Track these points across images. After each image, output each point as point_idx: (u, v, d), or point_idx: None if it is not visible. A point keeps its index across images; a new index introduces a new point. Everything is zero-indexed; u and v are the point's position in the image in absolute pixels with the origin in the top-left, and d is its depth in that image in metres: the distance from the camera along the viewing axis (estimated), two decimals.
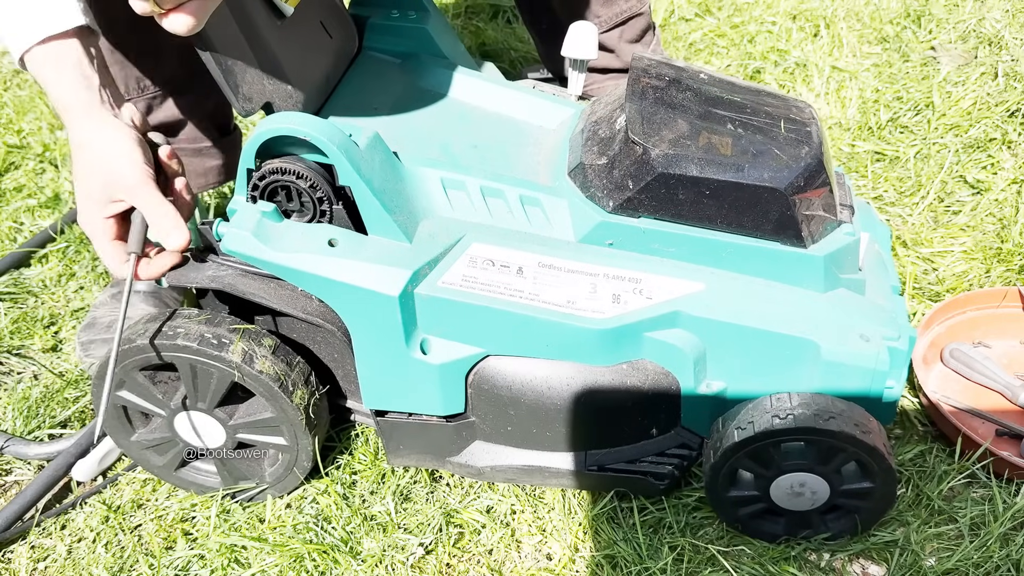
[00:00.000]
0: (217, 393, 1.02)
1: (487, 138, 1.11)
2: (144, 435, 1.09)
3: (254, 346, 0.99)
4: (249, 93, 0.95)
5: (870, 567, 1.03)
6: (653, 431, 1.03)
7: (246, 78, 0.95)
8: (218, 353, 0.97)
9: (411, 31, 1.21)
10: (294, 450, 1.06)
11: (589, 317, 0.94)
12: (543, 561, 1.06)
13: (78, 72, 0.87)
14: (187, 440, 1.08)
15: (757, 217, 0.94)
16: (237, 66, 0.93)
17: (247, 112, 0.95)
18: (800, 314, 0.95)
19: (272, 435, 1.06)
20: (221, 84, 0.92)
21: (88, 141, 0.89)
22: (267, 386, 0.99)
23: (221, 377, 1.00)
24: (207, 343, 0.97)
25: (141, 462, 1.13)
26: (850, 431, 0.91)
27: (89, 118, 0.89)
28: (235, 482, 1.11)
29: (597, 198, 0.97)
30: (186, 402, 1.03)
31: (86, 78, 0.88)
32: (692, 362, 0.95)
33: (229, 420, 1.05)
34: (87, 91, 0.88)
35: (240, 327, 1.00)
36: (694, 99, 1.00)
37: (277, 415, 1.02)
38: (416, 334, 0.96)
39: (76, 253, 1.54)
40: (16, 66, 0.86)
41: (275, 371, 0.99)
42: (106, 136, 0.89)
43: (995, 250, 1.41)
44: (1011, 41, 1.81)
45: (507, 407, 1.00)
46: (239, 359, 0.97)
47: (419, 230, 0.97)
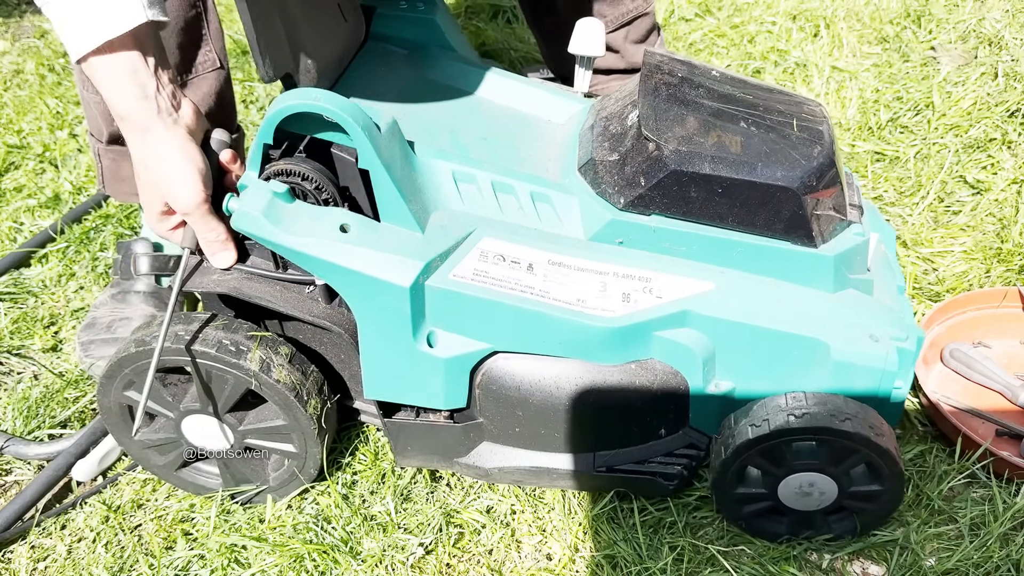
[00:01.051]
0: (230, 399, 1.01)
1: (496, 131, 1.10)
2: (147, 435, 1.08)
3: (271, 354, 0.99)
4: (275, 60, 0.95)
5: (870, 567, 1.03)
6: (662, 431, 1.02)
7: (276, 44, 0.95)
8: (236, 360, 0.96)
9: (419, 22, 1.21)
10: (302, 457, 1.06)
11: (599, 315, 0.93)
12: (543, 561, 1.06)
13: (133, 81, 0.85)
14: (193, 443, 1.07)
15: (769, 216, 0.94)
16: (271, 30, 0.94)
17: (269, 78, 0.95)
18: (810, 314, 0.94)
19: (282, 442, 1.05)
20: (252, 45, 0.92)
21: (145, 159, 0.90)
22: (283, 396, 0.98)
23: (236, 384, 0.99)
24: (225, 350, 0.96)
25: (141, 461, 1.13)
26: (865, 433, 0.91)
27: (146, 132, 0.88)
28: (237, 484, 1.11)
29: (608, 195, 0.97)
30: (197, 405, 1.03)
31: (142, 87, 0.86)
32: (701, 362, 0.95)
33: (239, 425, 1.04)
34: (143, 101, 0.86)
35: (257, 334, 1.00)
36: (707, 96, 0.99)
37: (289, 423, 1.02)
38: (424, 326, 0.96)
39: (76, 253, 1.54)
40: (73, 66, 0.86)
41: (291, 380, 0.99)
42: (162, 154, 0.89)
43: (995, 250, 1.41)
44: (1011, 41, 1.81)
45: (515, 408, 0.99)
46: (257, 367, 0.97)
47: (431, 221, 0.96)
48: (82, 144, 1.85)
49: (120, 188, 1.32)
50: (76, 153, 1.82)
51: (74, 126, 1.91)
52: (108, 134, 1.24)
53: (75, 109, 1.97)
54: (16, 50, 2.24)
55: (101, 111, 1.21)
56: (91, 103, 1.22)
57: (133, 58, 0.84)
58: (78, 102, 1.99)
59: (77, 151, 1.83)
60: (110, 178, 1.31)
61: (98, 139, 1.26)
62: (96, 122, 1.24)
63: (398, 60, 1.20)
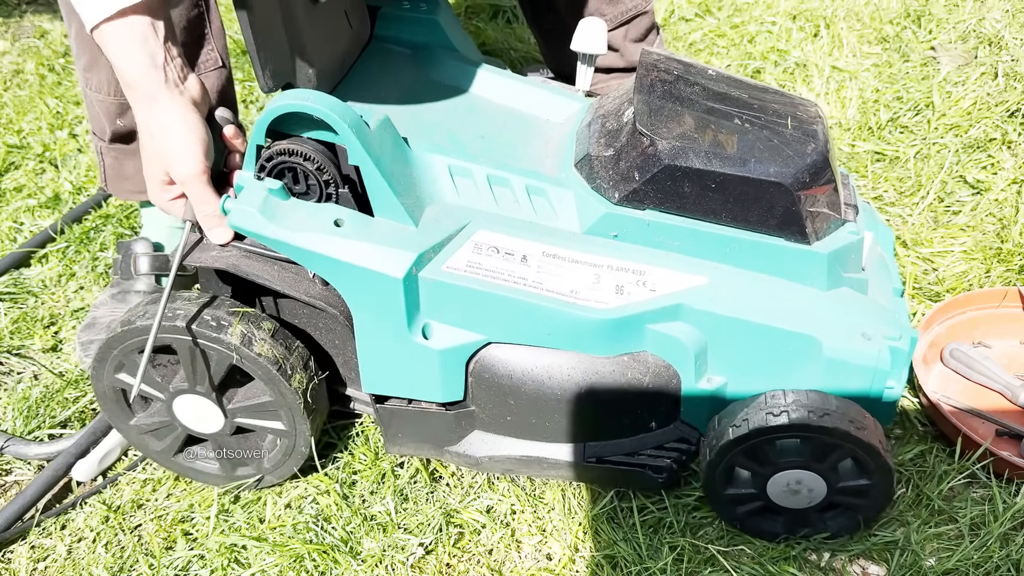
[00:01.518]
0: (216, 376, 1.02)
1: (495, 129, 1.11)
2: (143, 419, 1.09)
3: (253, 329, 0.99)
4: (275, 70, 0.96)
5: (870, 567, 1.03)
6: (652, 424, 1.03)
7: (276, 54, 0.95)
8: (216, 335, 0.97)
9: (422, 22, 1.22)
10: (292, 435, 1.06)
11: (592, 307, 0.94)
12: (543, 561, 1.06)
13: (143, 50, 0.87)
14: (186, 424, 1.08)
15: (762, 212, 0.94)
16: (270, 39, 0.94)
17: (269, 88, 0.96)
18: (803, 311, 0.95)
19: (271, 419, 1.06)
20: (252, 55, 0.93)
21: (151, 127, 0.92)
22: (265, 369, 0.99)
23: (219, 359, 1.00)
24: (206, 325, 0.98)
25: (140, 447, 1.13)
26: (845, 427, 0.91)
27: (152, 101, 0.90)
28: (233, 469, 1.11)
29: (603, 189, 0.98)
30: (185, 385, 1.04)
31: (151, 56, 0.88)
32: (693, 356, 0.95)
33: (228, 404, 1.05)
34: (152, 69, 0.88)
35: (239, 310, 1.01)
36: (702, 94, 1.00)
37: (275, 399, 1.03)
38: (418, 318, 0.96)
39: (76, 253, 1.54)
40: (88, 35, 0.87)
41: (273, 354, 0.99)
42: (166, 123, 0.91)
43: (995, 250, 1.41)
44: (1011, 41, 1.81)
45: (507, 396, 1.00)
46: (237, 341, 0.98)
47: (425, 215, 0.97)
48: (82, 144, 1.85)
49: (123, 186, 1.32)
50: (76, 153, 1.82)
51: (74, 126, 1.91)
52: (111, 132, 1.24)
53: (75, 109, 1.97)
54: (16, 50, 2.25)
55: (104, 108, 1.21)
56: (94, 101, 1.22)
57: (145, 26, 0.87)
58: (78, 102, 1.99)
59: (77, 151, 1.83)
60: (112, 176, 1.31)
61: (100, 137, 1.27)
62: (99, 120, 1.25)
63: (400, 60, 1.21)
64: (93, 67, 1.18)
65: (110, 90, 1.20)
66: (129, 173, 1.29)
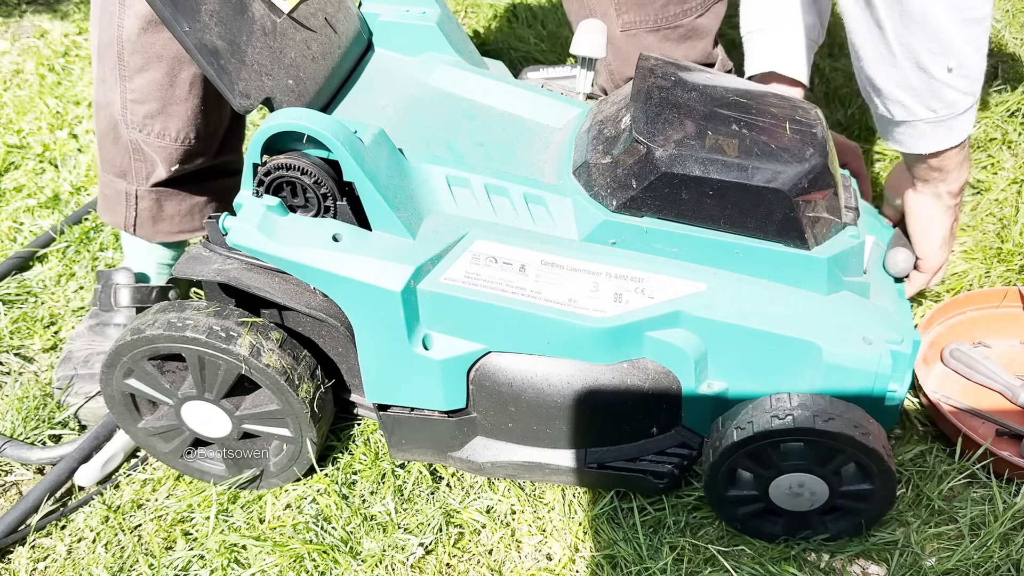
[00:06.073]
0: (224, 384, 1.03)
1: (493, 136, 1.11)
2: (151, 422, 1.10)
3: (261, 340, 1.01)
4: (246, 90, 0.95)
5: (870, 567, 1.03)
6: (653, 430, 1.03)
7: (241, 75, 0.95)
8: (226, 346, 0.99)
9: (421, 29, 1.21)
10: (298, 442, 1.07)
11: (590, 315, 0.94)
12: (543, 561, 1.06)
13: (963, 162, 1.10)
14: (194, 428, 1.09)
15: (761, 218, 0.94)
16: (231, 64, 0.94)
17: (245, 109, 0.96)
18: (802, 316, 0.95)
19: (277, 427, 1.07)
20: (215, 83, 0.94)
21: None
22: (274, 379, 1.00)
23: (228, 369, 1.01)
24: (215, 335, 0.98)
25: (148, 448, 1.15)
26: (849, 432, 0.90)
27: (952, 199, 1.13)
28: (239, 471, 1.12)
29: (601, 197, 0.97)
30: (194, 391, 1.05)
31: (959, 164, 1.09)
32: (693, 362, 0.95)
33: (235, 411, 1.06)
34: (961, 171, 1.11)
35: (248, 320, 1.02)
36: (699, 99, 0.99)
37: (283, 408, 1.04)
38: (418, 330, 0.97)
39: (76, 253, 1.54)
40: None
41: (282, 365, 1.00)
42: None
43: (995, 250, 1.41)
44: (1011, 41, 1.81)
45: (508, 404, 1.00)
46: (246, 352, 0.99)
47: (423, 227, 0.98)
48: (82, 144, 1.85)
49: (158, 228, 1.26)
50: (76, 153, 1.82)
51: (74, 126, 1.91)
52: (167, 176, 1.20)
53: (75, 109, 1.97)
54: (16, 50, 2.25)
55: (166, 154, 1.18)
56: (152, 147, 1.17)
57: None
58: (78, 102, 1.99)
59: (77, 151, 1.83)
60: (146, 220, 1.25)
61: (138, 183, 1.22)
62: (146, 166, 1.20)
63: (400, 68, 1.20)
64: (161, 113, 1.15)
65: (178, 136, 1.17)
66: (168, 214, 1.26)
